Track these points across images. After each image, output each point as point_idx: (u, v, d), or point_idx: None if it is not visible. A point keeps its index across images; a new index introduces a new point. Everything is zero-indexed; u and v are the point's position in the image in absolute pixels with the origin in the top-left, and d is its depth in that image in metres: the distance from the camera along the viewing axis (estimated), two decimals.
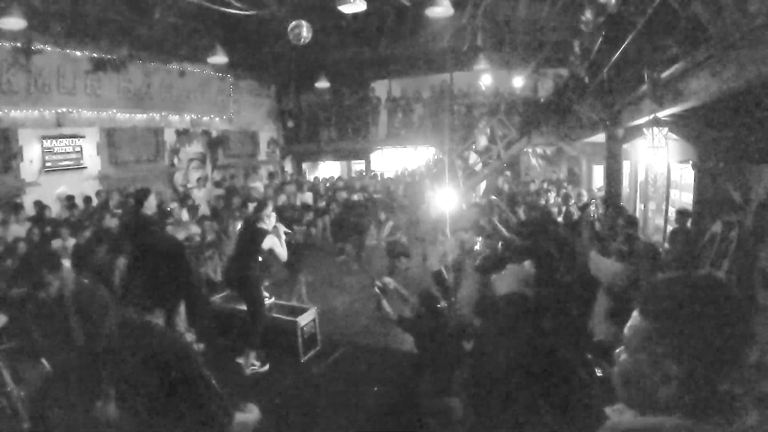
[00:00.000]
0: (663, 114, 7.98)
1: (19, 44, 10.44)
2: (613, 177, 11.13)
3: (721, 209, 8.21)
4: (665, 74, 7.19)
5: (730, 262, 6.93)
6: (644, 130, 8.63)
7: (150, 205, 7.24)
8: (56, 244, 8.54)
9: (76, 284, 4.26)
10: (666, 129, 8.36)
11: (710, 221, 8.31)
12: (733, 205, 7.95)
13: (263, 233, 6.77)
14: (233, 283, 7.11)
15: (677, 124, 8.59)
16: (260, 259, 6.89)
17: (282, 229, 7.27)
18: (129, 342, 2.13)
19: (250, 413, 2.46)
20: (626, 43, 8.79)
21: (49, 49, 11.07)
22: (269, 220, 6.99)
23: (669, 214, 10.73)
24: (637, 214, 12.07)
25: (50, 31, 10.71)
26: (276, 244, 6.84)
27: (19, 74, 10.64)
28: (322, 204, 14.81)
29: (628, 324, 1.37)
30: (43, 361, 6.02)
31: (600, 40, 11.04)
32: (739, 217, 7.54)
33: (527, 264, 2.09)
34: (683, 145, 9.53)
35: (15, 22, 8.58)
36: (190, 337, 7.93)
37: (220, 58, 12.52)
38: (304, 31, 9.93)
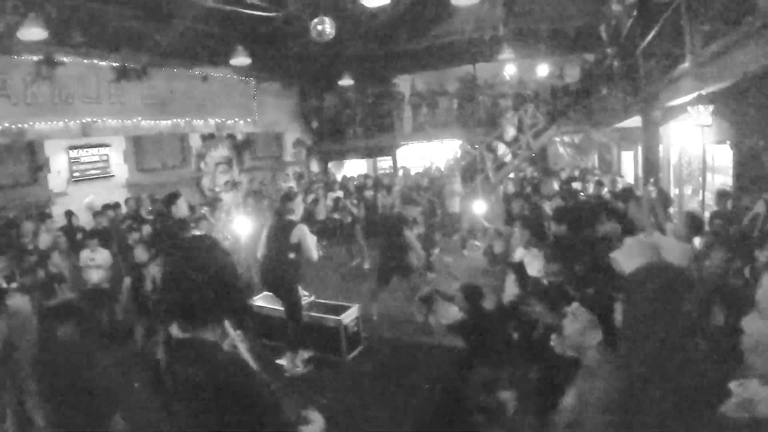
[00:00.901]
0: (706, 91, 7.64)
1: (41, 57, 10.52)
2: (650, 160, 10.78)
3: (762, 188, 7.86)
4: (708, 49, 6.86)
5: None
6: (688, 108, 8.27)
7: (181, 209, 7.14)
8: (84, 254, 8.47)
9: (43, 341, 3.31)
10: (712, 106, 8.01)
11: (751, 201, 7.97)
12: None
13: (291, 224, 6.59)
14: (269, 284, 6.92)
15: (714, 103, 8.25)
16: (293, 256, 6.63)
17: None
18: (182, 365, 1.90)
19: (314, 423, 2.23)
20: (662, 21, 8.47)
21: (71, 60, 11.13)
22: (299, 210, 6.86)
23: (705, 197, 10.36)
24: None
25: (71, 43, 10.72)
26: (306, 235, 6.57)
27: (42, 86, 10.71)
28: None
29: (763, 288, 1.23)
30: None
31: (631, 21, 10.73)
32: None
33: (643, 235, 1.97)
34: (719, 125, 9.15)
35: (36, 32, 8.58)
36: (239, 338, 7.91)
37: (242, 60, 12.48)
38: (327, 27, 9.80)
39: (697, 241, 6.97)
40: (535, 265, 5.50)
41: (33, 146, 10.93)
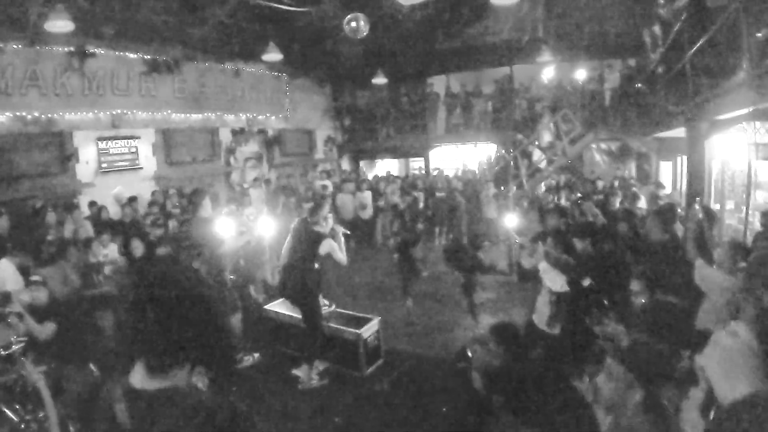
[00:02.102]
0: (765, 106, 7.09)
1: (72, 48, 10.56)
2: (695, 175, 10.23)
3: None
4: None
5: None
6: (743, 124, 7.74)
7: (205, 209, 6.99)
8: (95, 249, 8.29)
9: None
10: None
11: None
12: None
13: (320, 237, 6.33)
14: (289, 293, 6.65)
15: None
16: (317, 266, 6.43)
17: (341, 230, 6.88)
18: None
19: None
20: (716, 27, 7.91)
21: (102, 52, 11.18)
22: (326, 222, 6.56)
23: (749, 214, 9.82)
24: None
25: (103, 35, 10.81)
26: (335, 248, 6.37)
27: (73, 78, 10.79)
28: (381, 203, 14.39)
29: None
30: (92, 366, 5.91)
31: (679, 25, 10.18)
32: None
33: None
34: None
35: (62, 25, 8.58)
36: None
37: (274, 56, 12.42)
38: (361, 23, 9.62)
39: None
40: (558, 281, 5.20)
41: (62, 136, 11.00)
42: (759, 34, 6.83)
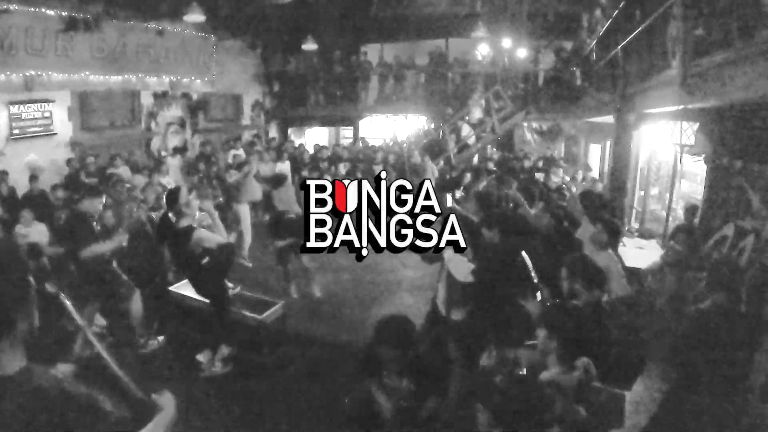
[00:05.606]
0: (693, 105, 7.16)
1: None
2: (620, 165, 10.50)
3: (735, 211, 7.69)
4: (703, 61, 6.33)
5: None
6: (670, 123, 7.88)
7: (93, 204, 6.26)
8: (16, 229, 7.67)
9: None
10: (697, 124, 7.61)
11: (721, 222, 7.81)
12: (750, 210, 7.37)
13: (187, 232, 5.63)
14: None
15: (699, 119, 7.90)
16: (207, 261, 5.79)
17: (211, 208, 6.33)
18: None
19: (165, 410, 2.06)
20: (652, 18, 7.91)
21: (16, 8, 10.07)
22: (189, 209, 5.84)
23: (673, 205, 10.23)
24: (636, 202, 11.61)
25: None
26: (209, 238, 5.70)
27: None
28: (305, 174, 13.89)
29: None
30: None
31: (616, 13, 10.23)
32: (756, 224, 7.00)
33: None
34: (697, 136, 8.84)
35: None
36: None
37: (196, 17, 11.74)
38: None
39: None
40: (462, 270, 4.92)
41: None
42: (701, 33, 6.82)
